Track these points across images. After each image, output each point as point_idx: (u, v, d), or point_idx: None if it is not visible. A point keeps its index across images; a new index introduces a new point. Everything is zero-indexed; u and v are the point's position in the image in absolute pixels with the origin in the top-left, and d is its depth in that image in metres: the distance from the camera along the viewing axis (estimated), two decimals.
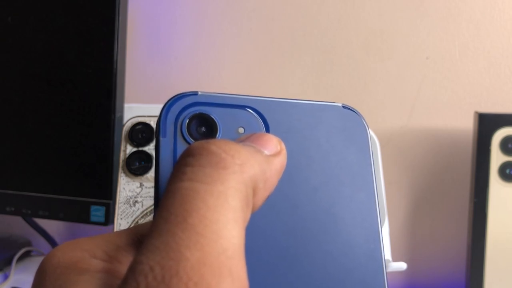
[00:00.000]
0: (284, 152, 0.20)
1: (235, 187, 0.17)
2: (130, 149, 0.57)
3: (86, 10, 0.63)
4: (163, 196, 0.17)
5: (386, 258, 0.53)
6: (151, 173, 0.57)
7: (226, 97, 0.22)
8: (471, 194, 0.60)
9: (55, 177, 0.66)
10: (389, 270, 0.50)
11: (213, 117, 0.22)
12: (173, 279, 0.15)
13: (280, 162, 0.20)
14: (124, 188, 0.56)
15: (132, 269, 0.15)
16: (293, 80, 0.75)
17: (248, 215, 0.18)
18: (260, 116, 0.22)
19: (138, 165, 0.56)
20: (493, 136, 0.58)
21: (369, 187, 0.23)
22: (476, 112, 0.59)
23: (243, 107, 0.22)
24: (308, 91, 0.75)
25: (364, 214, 0.22)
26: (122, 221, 0.54)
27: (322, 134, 0.23)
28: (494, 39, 0.69)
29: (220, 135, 0.22)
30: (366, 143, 0.23)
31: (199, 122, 0.22)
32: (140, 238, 0.20)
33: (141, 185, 0.56)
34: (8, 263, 0.73)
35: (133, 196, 0.56)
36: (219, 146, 0.18)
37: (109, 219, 0.63)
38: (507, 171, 0.58)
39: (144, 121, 0.57)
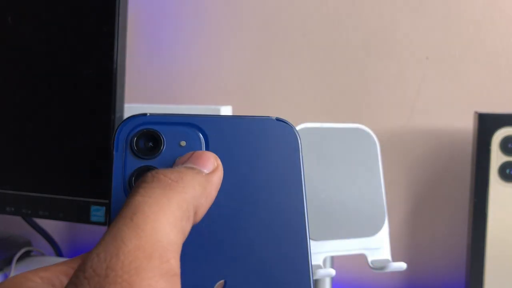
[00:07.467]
0: (221, 167, 0.24)
1: (177, 202, 0.21)
2: None
3: (86, 10, 0.63)
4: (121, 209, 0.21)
5: (385, 258, 0.53)
6: None
7: (171, 117, 0.26)
8: (471, 194, 0.60)
9: (55, 177, 0.66)
10: (389, 270, 0.50)
11: (158, 132, 0.25)
12: (113, 259, 0.18)
13: (217, 178, 0.24)
14: None
15: (84, 258, 0.19)
16: (293, 80, 0.75)
17: (188, 228, 0.21)
18: (200, 131, 0.26)
19: None
20: (493, 136, 0.58)
21: (298, 194, 0.26)
22: (476, 112, 0.59)
23: (185, 124, 0.26)
24: (308, 91, 0.75)
25: (292, 217, 0.25)
26: None
27: (254, 146, 0.26)
28: (494, 39, 0.69)
29: (164, 148, 0.25)
30: (297, 152, 0.26)
31: (146, 138, 0.25)
32: None
33: None
34: (8, 263, 0.73)
35: None
36: (166, 174, 0.22)
37: None
38: (507, 171, 0.58)
39: None
